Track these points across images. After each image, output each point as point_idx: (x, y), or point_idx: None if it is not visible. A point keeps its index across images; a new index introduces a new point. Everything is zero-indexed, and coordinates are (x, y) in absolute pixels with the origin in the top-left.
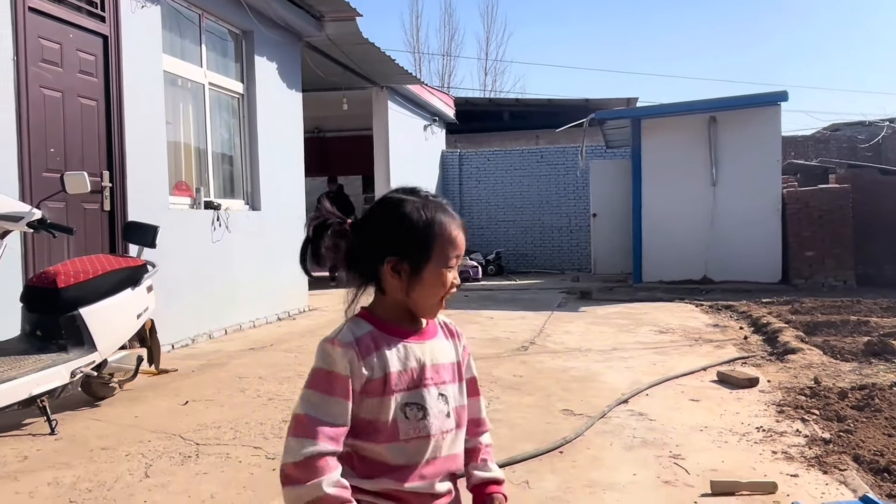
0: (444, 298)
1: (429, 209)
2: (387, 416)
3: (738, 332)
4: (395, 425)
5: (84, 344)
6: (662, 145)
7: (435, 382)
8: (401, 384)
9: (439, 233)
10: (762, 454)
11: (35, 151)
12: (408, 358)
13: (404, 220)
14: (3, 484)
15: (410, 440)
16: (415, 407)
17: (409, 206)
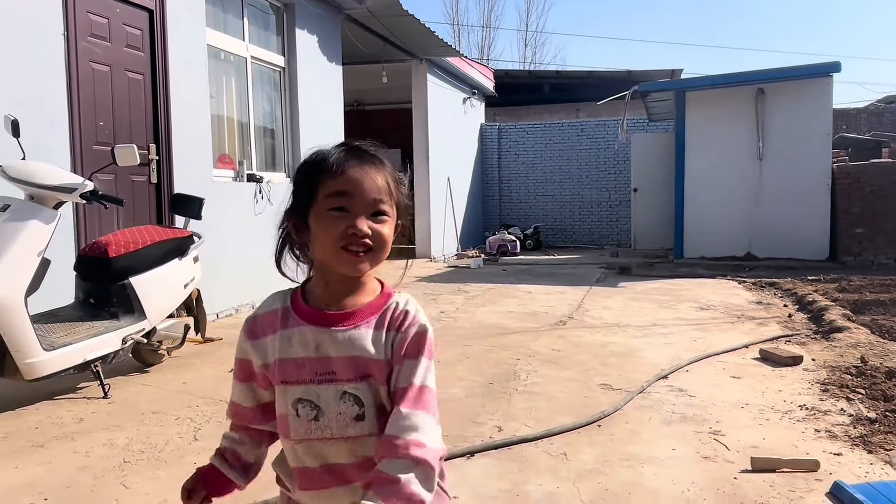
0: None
1: (324, 152)
2: (282, 409)
3: (782, 310)
4: (286, 422)
5: (134, 312)
6: (707, 118)
7: (338, 379)
8: (289, 375)
9: (324, 172)
10: (805, 432)
11: (85, 125)
12: (300, 345)
13: (299, 168)
14: (61, 444)
15: (301, 441)
16: (307, 404)
17: (310, 155)
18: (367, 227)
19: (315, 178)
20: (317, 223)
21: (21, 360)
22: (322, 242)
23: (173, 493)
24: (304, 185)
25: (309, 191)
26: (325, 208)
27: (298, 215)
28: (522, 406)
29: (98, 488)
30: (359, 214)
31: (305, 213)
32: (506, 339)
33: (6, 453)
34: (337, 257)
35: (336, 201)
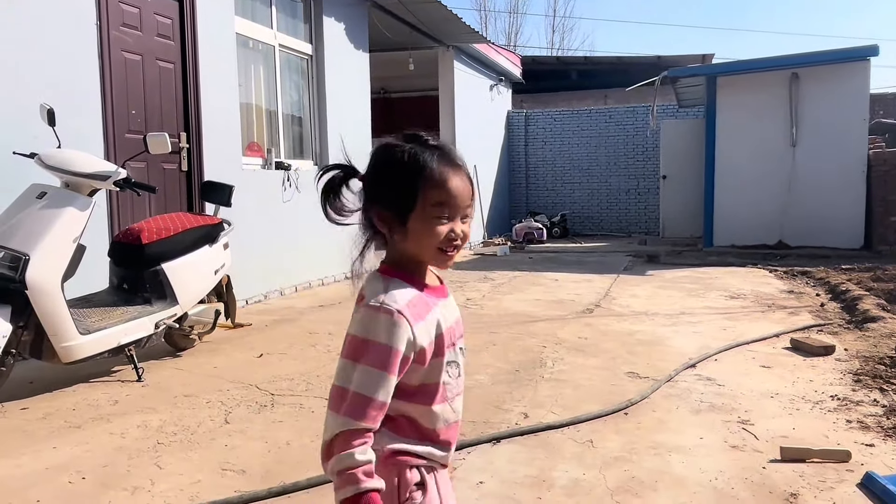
0: (448, 251)
1: (418, 154)
2: (437, 379)
3: (814, 299)
4: (444, 387)
5: (167, 297)
6: (739, 104)
7: (459, 336)
8: (447, 344)
9: (425, 179)
10: (836, 423)
11: (118, 113)
12: (446, 317)
13: (389, 166)
14: (97, 425)
15: (454, 399)
16: (454, 365)
17: (397, 152)
18: (461, 231)
19: (417, 185)
20: (420, 226)
21: (58, 343)
22: (423, 243)
23: (205, 474)
24: (404, 190)
25: (411, 196)
26: (430, 216)
27: (393, 212)
28: (549, 393)
29: (133, 468)
30: (455, 220)
31: (405, 214)
32: (532, 326)
33: (45, 434)
34: (434, 255)
35: (440, 211)
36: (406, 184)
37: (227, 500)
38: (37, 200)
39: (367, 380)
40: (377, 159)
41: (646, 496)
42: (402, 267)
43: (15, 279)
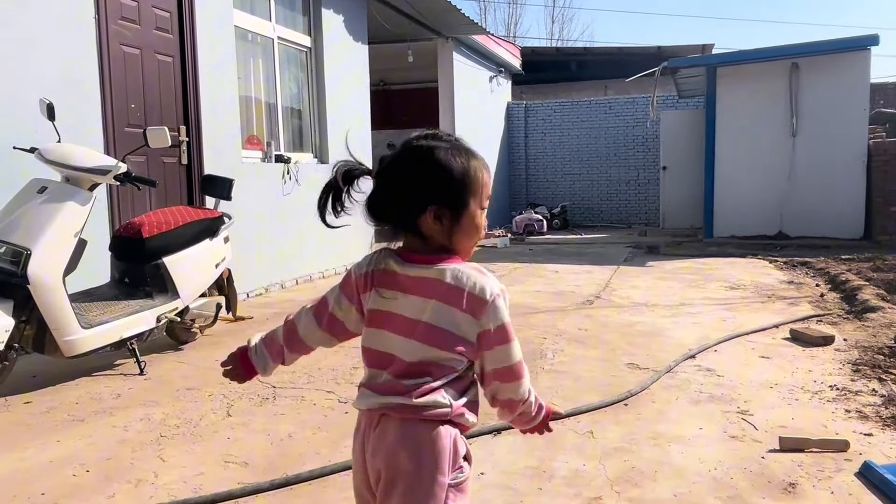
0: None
1: (461, 154)
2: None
3: (813, 290)
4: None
5: (168, 291)
6: (739, 94)
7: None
8: None
9: (475, 177)
10: (835, 412)
11: (117, 107)
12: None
13: (441, 167)
14: (100, 418)
15: None
16: None
17: (442, 153)
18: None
19: (471, 186)
20: (470, 220)
21: (60, 337)
22: (471, 235)
23: (209, 467)
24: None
25: (468, 194)
26: (481, 208)
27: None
28: (549, 384)
29: (137, 461)
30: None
31: (461, 210)
32: (532, 318)
33: (49, 427)
34: (472, 245)
35: (484, 205)
36: (465, 184)
37: (230, 492)
38: (37, 195)
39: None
40: (422, 160)
41: (645, 486)
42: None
43: (17, 274)
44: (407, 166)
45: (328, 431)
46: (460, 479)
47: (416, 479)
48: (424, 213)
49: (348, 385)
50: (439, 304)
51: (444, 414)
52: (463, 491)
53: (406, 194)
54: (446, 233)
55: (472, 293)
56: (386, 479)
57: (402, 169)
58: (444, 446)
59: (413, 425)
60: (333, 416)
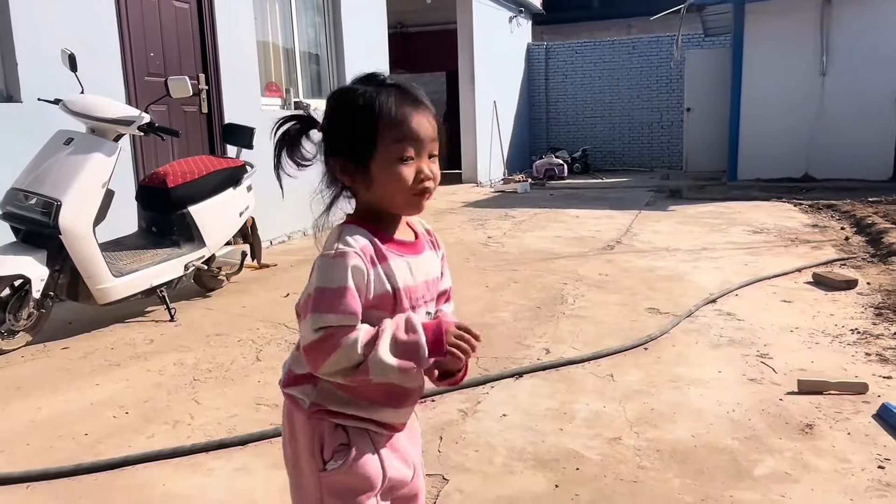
0: (420, 195)
1: (371, 94)
2: None
3: (838, 233)
4: None
5: (194, 240)
6: (767, 31)
7: (426, 300)
8: (403, 303)
9: (381, 119)
10: (855, 356)
11: (137, 56)
12: (411, 273)
13: (344, 111)
14: (135, 363)
15: None
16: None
17: (350, 95)
18: (429, 170)
19: (375, 127)
20: (384, 172)
21: (93, 285)
22: (390, 188)
23: (241, 408)
24: (363, 134)
25: (370, 140)
26: (395, 157)
27: (354, 161)
28: (570, 329)
29: (173, 403)
30: (422, 158)
31: (366, 160)
32: (553, 263)
33: (87, 372)
34: (405, 201)
35: (402, 150)
36: (364, 127)
37: (262, 432)
38: (64, 147)
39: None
40: (332, 106)
41: (664, 427)
42: (367, 219)
43: (49, 224)
44: (325, 113)
45: None
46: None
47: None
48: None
49: None
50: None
51: (305, 407)
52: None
53: (325, 144)
54: (361, 187)
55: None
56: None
57: (324, 117)
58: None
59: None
60: None
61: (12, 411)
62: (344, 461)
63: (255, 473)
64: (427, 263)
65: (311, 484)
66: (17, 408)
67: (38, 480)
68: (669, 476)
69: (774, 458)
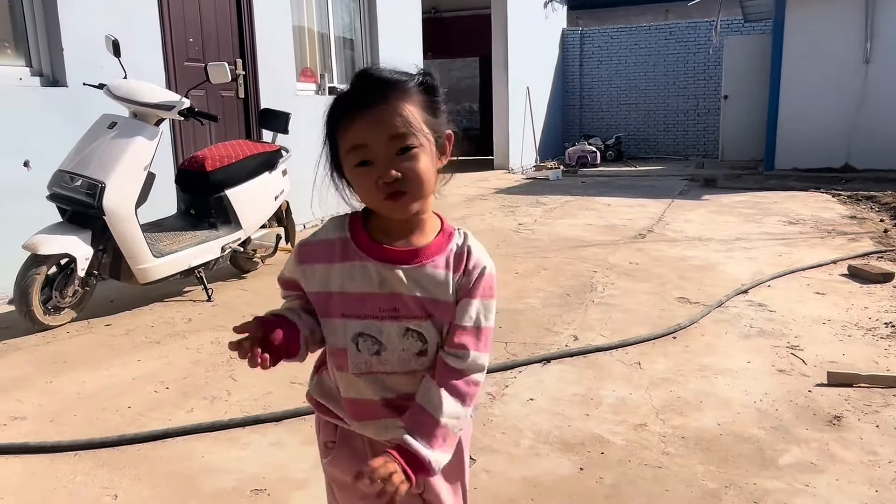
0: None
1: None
2: (335, 340)
3: (877, 225)
4: (345, 355)
5: (231, 222)
6: (810, 17)
7: (402, 315)
8: (350, 309)
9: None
10: (888, 349)
11: (177, 42)
12: (364, 280)
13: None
14: (174, 341)
15: (361, 375)
16: (368, 339)
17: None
18: (395, 173)
19: (334, 131)
20: (350, 177)
21: (135, 265)
22: (362, 195)
23: (276, 387)
24: (329, 139)
25: (333, 145)
26: (351, 164)
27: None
28: (598, 317)
29: (211, 380)
30: (382, 161)
31: (339, 169)
32: (583, 251)
33: (129, 348)
34: (380, 207)
35: (357, 156)
36: (328, 137)
37: (296, 409)
38: (108, 130)
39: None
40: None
41: (690, 415)
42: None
43: (93, 205)
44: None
45: None
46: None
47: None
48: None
49: None
50: None
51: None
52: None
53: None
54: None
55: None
56: None
57: None
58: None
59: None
60: None
61: (60, 384)
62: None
63: (288, 448)
64: (421, 277)
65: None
66: (63, 381)
67: (84, 449)
68: (693, 463)
69: (800, 449)
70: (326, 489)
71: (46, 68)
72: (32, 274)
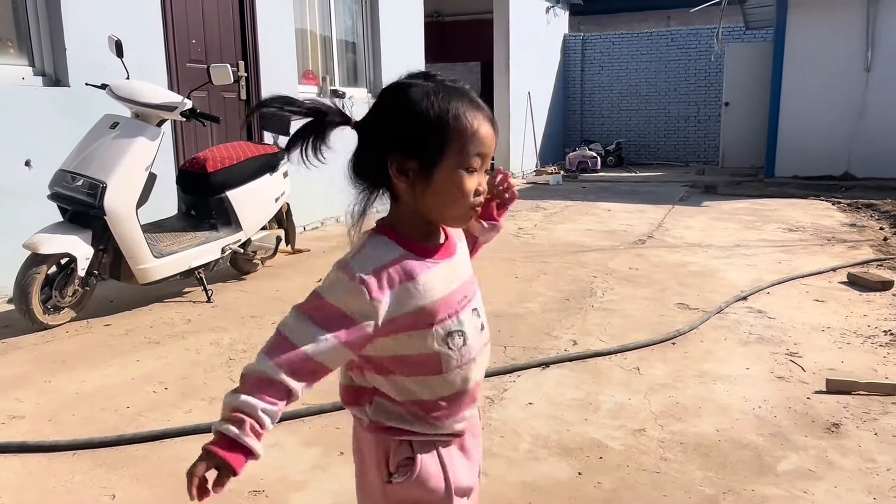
0: (473, 209)
1: (443, 95)
2: (426, 350)
3: (876, 233)
4: (438, 359)
5: (231, 224)
6: (811, 25)
7: (469, 299)
8: (441, 314)
9: (455, 125)
10: (886, 357)
11: (179, 43)
12: (445, 281)
13: (411, 108)
14: (173, 341)
15: (453, 370)
16: (456, 335)
17: (417, 92)
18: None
19: (447, 132)
20: (448, 179)
21: (135, 265)
22: (449, 197)
23: None
24: (434, 138)
25: (441, 145)
26: (461, 166)
27: (421, 163)
28: (597, 322)
29: (209, 381)
30: (482, 173)
31: (432, 165)
32: (583, 256)
33: (128, 348)
34: (460, 213)
35: (472, 162)
36: (436, 130)
37: (295, 411)
38: (110, 130)
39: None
40: (393, 99)
41: (688, 420)
42: (403, 225)
43: (94, 205)
44: (378, 108)
45: None
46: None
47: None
48: (387, 163)
49: None
50: None
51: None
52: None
53: (373, 141)
54: (416, 192)
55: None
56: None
57: (373, 112)
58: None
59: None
60: None
61: (58, 384)
62: (409, 475)
63: (287, 449)
64: (461, 263)
65: (377, 495)
66: (62, 380)
67: (83, 449)
68: (692, 468)
69: (798, 455)
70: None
71: (49, 68)
72: (32, 273)
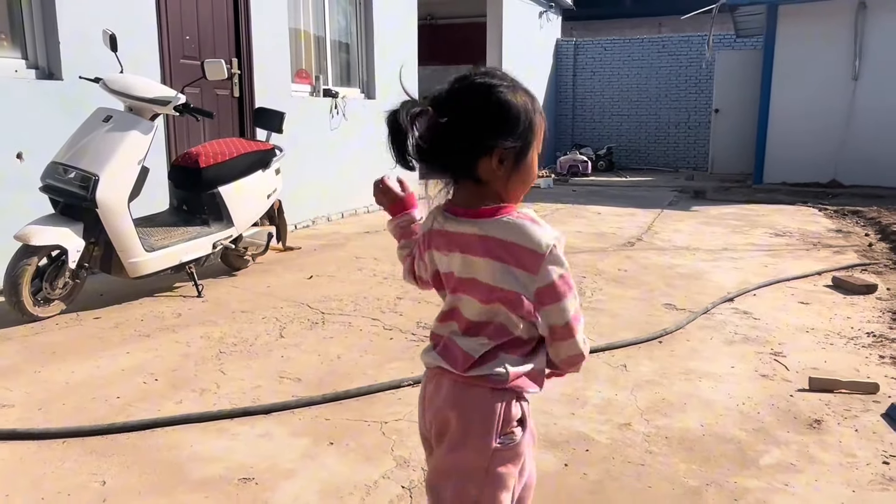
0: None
1: (524, 93)
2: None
3: (862, 239)
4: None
5: (223, 219)
6: (800, 34)
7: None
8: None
9: (538, 118)
10: (868, 357)
11: (173, 39)
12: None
13: (509, 105)
14: (164, 334)
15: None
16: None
17: (506, 91)
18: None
19: (535, 126)
20: (531, 164)
21: (126, 259)
22: (528, 179)
23: (265, 381)
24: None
25: (534, 136)
26: (536, 152)
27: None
28: (586, 321)
29: (200, 373)
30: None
31: (527, 152)
32: (573, 258)
33: (118, 341)
34: (524, 192)
35: (539, 147)
36: (531, 123)
37: (285, 403)
38: (103, 123)
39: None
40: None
41: (674, 416)
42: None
43: (86, 198)
44: (471, 104)
45: (374, 355)
46: (509, 443)
47: (461, 440)
48: (487, 155)
49: (392, 314)
50: (492, 262)
51: (498, 383)
52: (515, 454)
53: (470, 134)
54: (505, 178)
55: (525, 247)
56: (436, 432)
57: (465, 107)
58: (493, 411)
59: (464, 389)
60: (378, 341)
61: (48, 374)
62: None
63: (277, 440)
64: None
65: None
66: (52, 371)
67: (73, 437)
68: (676, 461)
69: (780, 450)
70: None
71: (42, 61)
72: (23, 264)
